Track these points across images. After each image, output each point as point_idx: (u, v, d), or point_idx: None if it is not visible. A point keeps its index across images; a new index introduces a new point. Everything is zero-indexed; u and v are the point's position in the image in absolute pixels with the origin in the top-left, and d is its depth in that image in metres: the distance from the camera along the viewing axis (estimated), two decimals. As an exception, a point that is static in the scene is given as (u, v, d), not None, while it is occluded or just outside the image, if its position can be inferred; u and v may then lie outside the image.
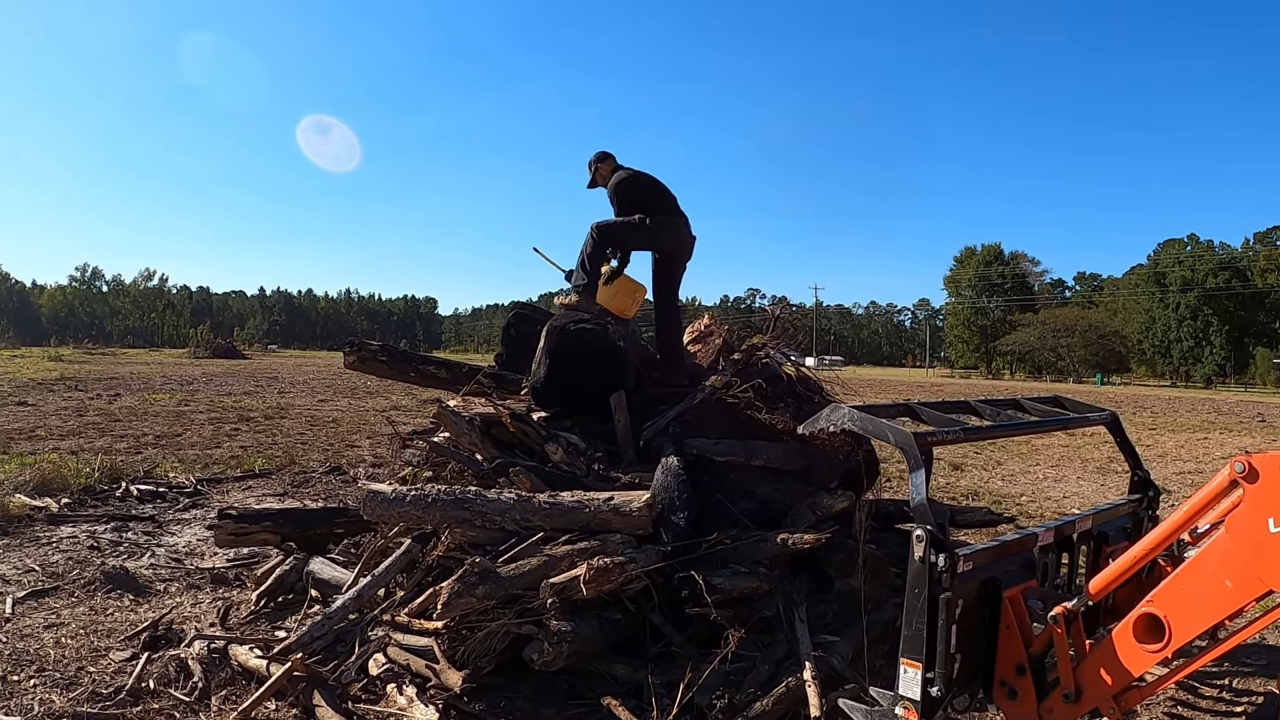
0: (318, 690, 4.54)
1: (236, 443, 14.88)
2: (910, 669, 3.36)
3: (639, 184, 7.25)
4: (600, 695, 4.58)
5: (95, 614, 6.02)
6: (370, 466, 12.59)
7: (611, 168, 7.41)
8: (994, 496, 12.10)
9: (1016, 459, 16.56)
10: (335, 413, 21.13)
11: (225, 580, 6.89)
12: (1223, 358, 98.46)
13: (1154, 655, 3.26)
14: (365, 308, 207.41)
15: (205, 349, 65.08)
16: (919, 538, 3.31)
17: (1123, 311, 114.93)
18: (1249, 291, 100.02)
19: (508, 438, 6.32)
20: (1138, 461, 5.15)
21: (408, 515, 5.36)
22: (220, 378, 35.62)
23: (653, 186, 7.28)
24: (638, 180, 7.27)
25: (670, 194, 7.35)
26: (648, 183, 7.30)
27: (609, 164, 7.46)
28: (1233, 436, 23.11)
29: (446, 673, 4.51)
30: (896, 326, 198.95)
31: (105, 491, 9.91)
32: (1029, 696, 3.56)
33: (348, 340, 7.93)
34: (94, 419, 17.29)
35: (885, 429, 3.66)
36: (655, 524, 5.31)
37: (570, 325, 6.52)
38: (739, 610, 5.03)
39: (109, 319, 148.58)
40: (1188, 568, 3.20)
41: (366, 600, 5.27)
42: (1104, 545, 4.61)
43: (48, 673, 4.95)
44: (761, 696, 4.47)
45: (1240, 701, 5.25)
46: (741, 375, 6.64)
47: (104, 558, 7.27)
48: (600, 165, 7.48)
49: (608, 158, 7.50)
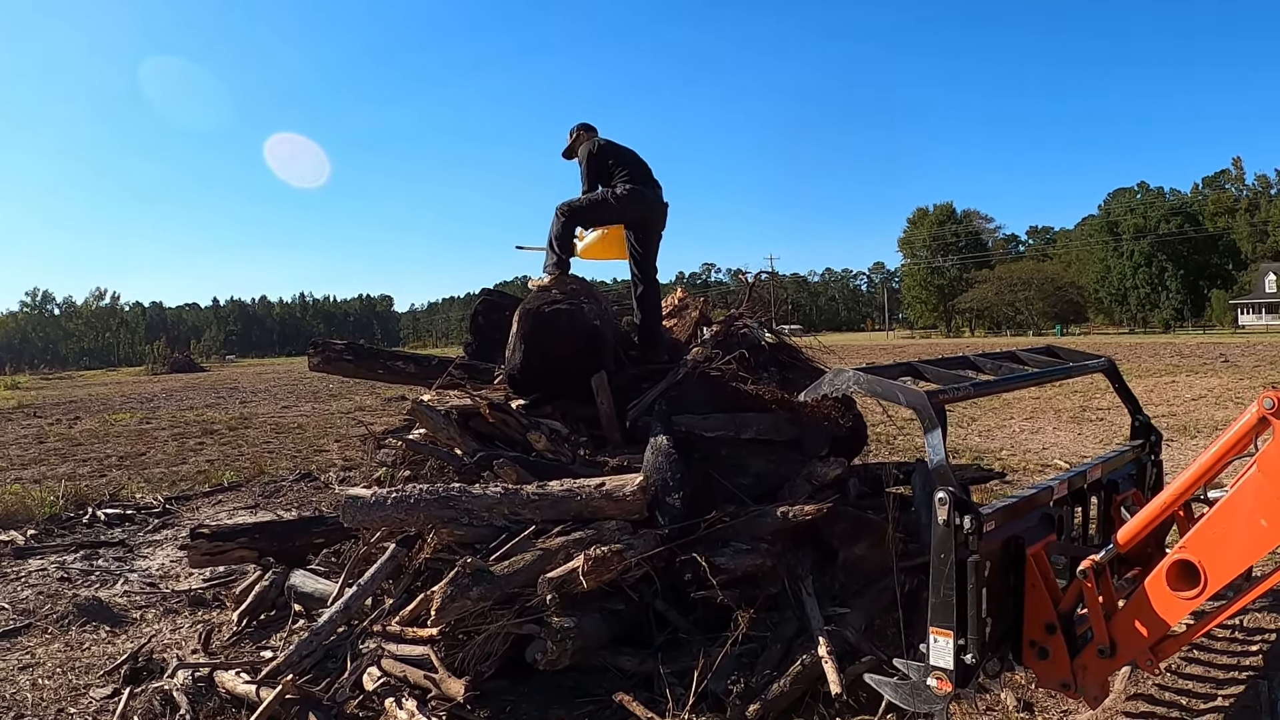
0: (312, 712, 4.31)
1: (202, 457, 14.58)
2: (941, 638, 3.21)
3: (606, 154, 7.10)
4: (609, 690, 4.42)
5: (71, 649, 5.74)
6: (341, 470, 12.37)
7: (589, 139, 7.27)
8: (974, 453, 12.04)
9: (990, 414, 16.55)
10: (300, 418, 20.81)
11: (203, 602, 6.62)
12: (1180, 302, 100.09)
13: (1190, 602, 3.17)
14: (321, 310, 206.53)
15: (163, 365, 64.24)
16: (942, 500, 3.16)
17: (1077, 262, 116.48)
18: (1201, 236, 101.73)
19: (487, 429, 6.14)
20: (1137, 406, 5.03)
21: (390, 519, 5.14)
22: (180, 392, 35.09)
23: (623, 156, 7.12)
24: (606, 151, 7.11)
25: (641, 163, 7.19)
26: (618, 153, 7.13)
27: (587, 135, 7.33)
28: (1199, 378, 23.29)
29: (447, 682, 4.30)
30: (853, 291, 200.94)
31: (72, 519, 9.58)
32: (1061, 655, 3.45)
33: (311, 342, 7.72)
34: (55, 445, 16.89)
35: (895, 390, 3.49)
36: (650, 507, 5.18)
37: (544, 308, 6.31)
38: (745, 590, 4.89)
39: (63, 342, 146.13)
40: (1220, 510, 3.09)
41: (354, 612, 5.04)
42: (1114, 494, 4.51)
43: (27, 718, 4.71)
44: (778, 677, 4.31)
45: (1254, 640, 5.15)
46: (723, 347, 6.49)
47: (76, 589, 6.97)
48: (580, 134, 7.36)
49: (589, 129, 7.38)
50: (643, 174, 7.12)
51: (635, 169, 7.08)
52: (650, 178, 7.19)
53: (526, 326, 6.25)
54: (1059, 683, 3.49)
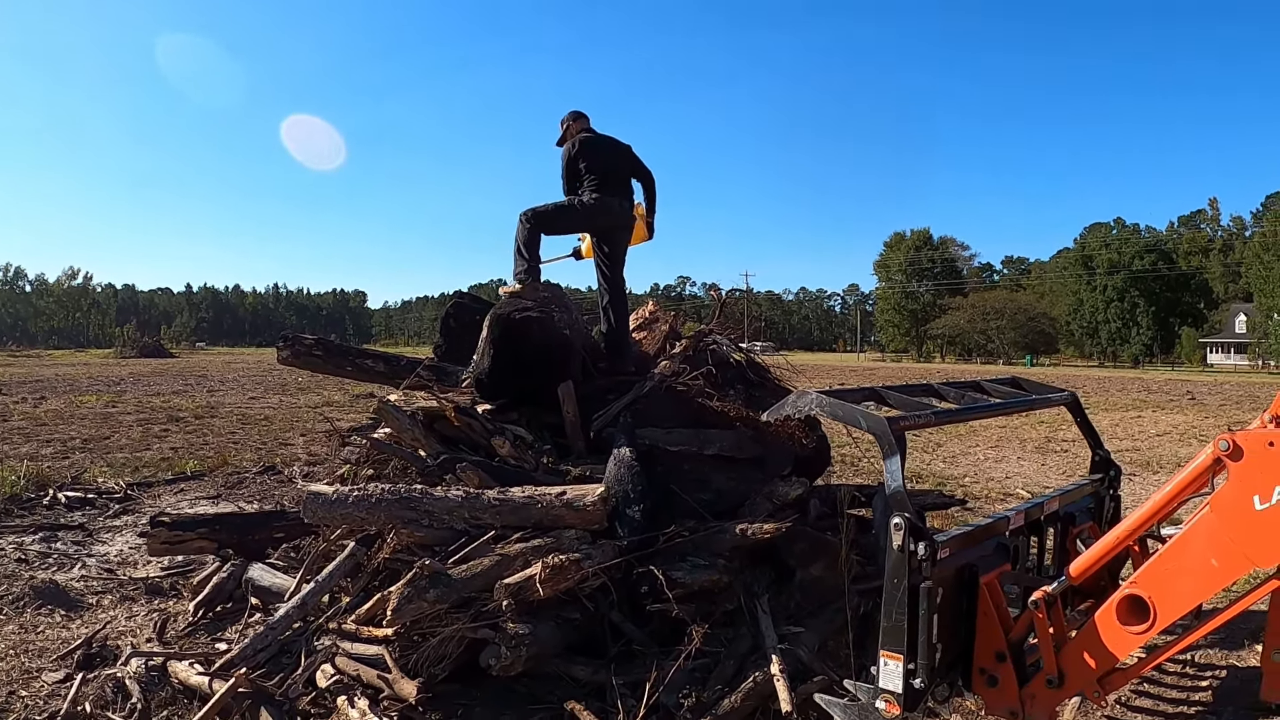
0: (264, 706, 4.30)
1: (167, 444, 14.48)
2: (891, 661, 3.25)
3: (581, 156, 7.08)
4: (561, 699, 4.42)
5: (25, 632, 5.70)
6: (305, 465, 12.29)
7: (578, 130, 7.27)
8: (937, 479, 12.12)
9: (955, 440, 16.66)
10: (267, 410, 20.70)
11: (160, 590, 6.59)
12: (1149, 338, 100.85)
13: (1139, 637, 3.24)
14: (294, 302, 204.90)
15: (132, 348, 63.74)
16: (897, 526, 3.20)
17: (1050, 294, 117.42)
18: (1174, 273, 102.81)
19: (452, 432, 6.13)
20: (1098, 441, 5.10)
21: (351, 517, 5.14)
22: (148, 377, 34.83)
23: (597, 159, 7.09)
24: (583, 151, 7.09)
25: (617, 165, 7.20)
26: (595, 154, 7.11)
27: (577, 126, 7.32)
28: (1165, 414, 23.54)
29: (400, 682, 4.29)
30: (827, 312, 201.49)
31: (32, 500, 9.50)
32: (1010, 683, 3.50)
33: (281, 335, 7.67)
34: (18, 424, 16.73)
35: (857, 414, 3.53)
36: (610, 518, 5.18)
37: (515, 314, 6.30)
38: (700, 605, 4.90)
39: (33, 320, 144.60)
40: (1172, 548, 3.15)
41: (311, 608, 5.03)
42: (1070, 526, 4.58)
43: (-23, 699, 4.66)
44: (729, 693, 4.34)
45: (1204, 676, 5.23)
46: (691, 362, 6.50)
47: (32, 571, 6.92)
48: (571, 124, 7.35)
49: (579, 118, 7.36)
50: (615, 180, 7.11)
51: (607, 175, 7.05)
52: (621, 184, 7.19)
53: (496, 332, 6.24)
54: (1007, 711, 3.54)
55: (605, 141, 7.23)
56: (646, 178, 7.37)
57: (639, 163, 7.33)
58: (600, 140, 7.21)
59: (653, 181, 7.42)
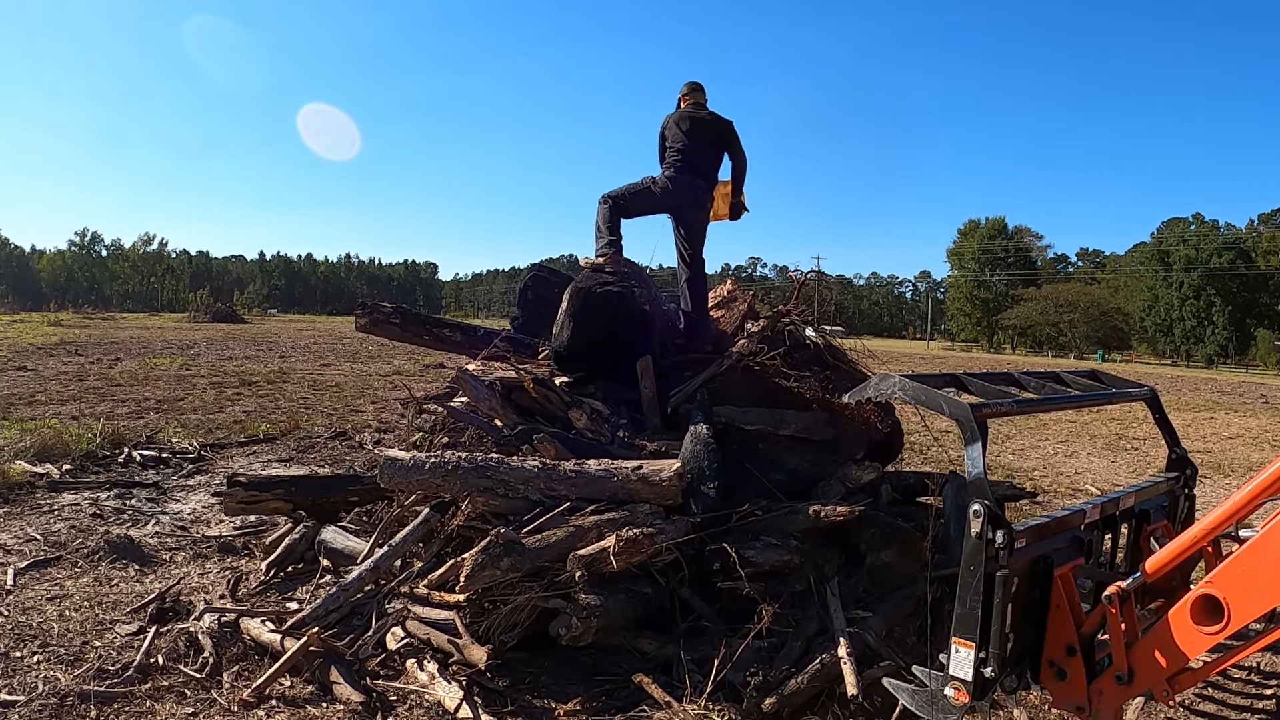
0: (334, 665, 4.38)
1: (239, 407, 14.69)
2: (963, 648, 3.22)
3: (670, 131, 7.17)
4: (628, 671, 4.45)
5: (100, 585, 5.83)
6: (376, 432, 12.41)
7: (686, 104, 7.34)
8: (1007, 471, 11.98)
9: (1025, 433, 16.43)
10: (338, 377, 20.90)
11: (233, 549, 6.71)
12: (1225, 338, 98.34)
13: (1211, 637, 3.15)
14: (365, 272, 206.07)
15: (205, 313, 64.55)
16: (976, 513, 3.17)
17: (1125, 289, 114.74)
18: (1253, 273, 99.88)
19: (528, 404, 6.18)
20: (1175, 439, 4.99)
21: (427, 483, 5.21)
22: (220, 342, 35.32)
23: (684, 137, 7.11)
24: (674, 128, 7.15)
25: (705, 147, 7.20)
26: (684, 130, 7.14)
27: (687, 100, 7.37)
28: (1238, 417, 22.98)
29: (469, 648, 4.35)
30: (897, 298, 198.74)
31: (107, 457, 9.69)
32: (1079, 678, 3.45)
33: (360, 303, 7.79)
34: (94, 384, 17.03)
35: (940, 400, 3.50)
36: (685, 494, 5.19)
37: (596, 287, 6.34)
38: (770, 584, 4.90)
39: (108, 283, 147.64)
40: (1251, 548, 3.08)
41: (383, 571, 5.11)
42: (1144, 523, 4.49)
43: (51, 648, 4.76)
44: (796, 674, 4.33)
45: (1269, 684, 5.14)
46: (769, 342, 6.49)
47: (107, 526, 7.07)
48: (683, 96, 7.42)
49: (693, 91, 7.41)
50: (698, 160, 7.11)
51: (689, 153, 7.07)
52: (705, 163, 7.18)
53: (577, 304, 6.28)
54: (1073, 705, 3.50)
55: (699, 119, 7.22)
56: (738, 157, 7.35)
57: (734, 143, 7.30)
58: (693, 117, 7.21)
59: (743, 162, 7.39)
